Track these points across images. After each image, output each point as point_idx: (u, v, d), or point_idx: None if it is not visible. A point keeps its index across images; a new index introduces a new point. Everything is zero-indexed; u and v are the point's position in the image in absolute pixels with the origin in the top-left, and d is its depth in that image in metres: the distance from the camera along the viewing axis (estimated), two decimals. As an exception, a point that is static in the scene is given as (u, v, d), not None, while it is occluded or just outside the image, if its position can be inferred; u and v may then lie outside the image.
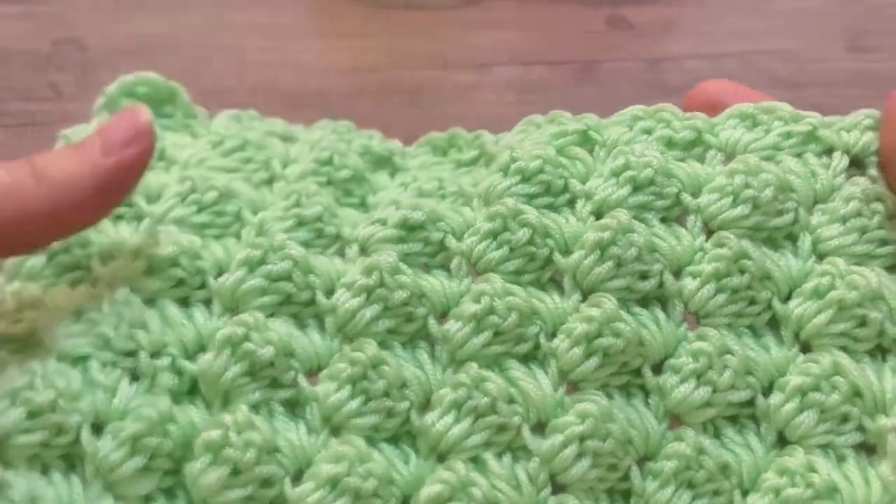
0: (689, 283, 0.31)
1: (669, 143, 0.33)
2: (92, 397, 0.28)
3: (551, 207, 0.32)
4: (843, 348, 0.30)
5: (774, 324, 0.31)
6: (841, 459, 0.29)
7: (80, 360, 0.28)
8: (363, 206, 0.34)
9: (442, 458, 0.29)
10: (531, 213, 0.31)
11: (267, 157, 0.34)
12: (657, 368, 0.30)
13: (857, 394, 0.29)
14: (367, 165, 0.35)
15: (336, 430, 0.29)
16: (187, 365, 0.29)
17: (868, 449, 0.29)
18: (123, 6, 0.58)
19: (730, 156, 0.33)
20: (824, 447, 0.29)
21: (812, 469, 0.28)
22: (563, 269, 0.31)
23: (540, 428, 0.29)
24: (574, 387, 0.30)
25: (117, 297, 0.29)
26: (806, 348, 0.30)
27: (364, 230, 0.31)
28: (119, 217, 0.32)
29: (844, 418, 0.29)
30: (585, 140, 0.34)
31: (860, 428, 0.29)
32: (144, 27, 0.57)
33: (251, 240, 0.31)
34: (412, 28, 0.57)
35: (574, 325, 0.30)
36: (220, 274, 0.30)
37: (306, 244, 0.31)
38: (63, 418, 0.27)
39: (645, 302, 0.31)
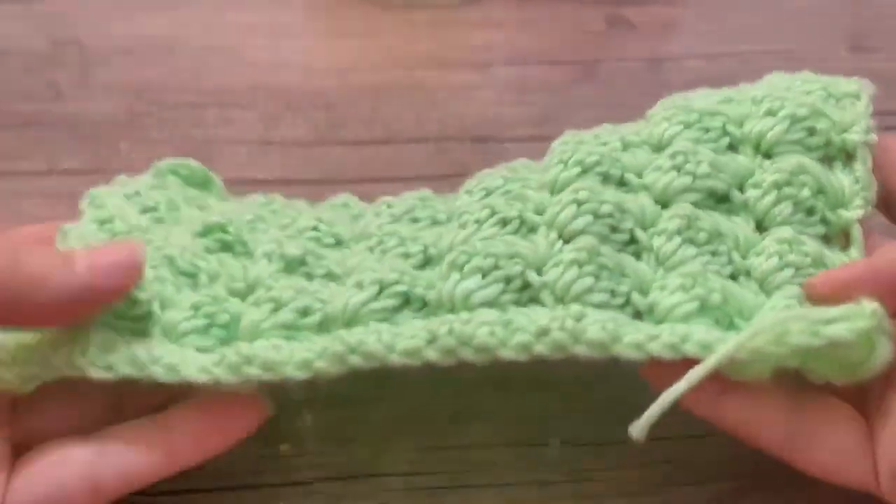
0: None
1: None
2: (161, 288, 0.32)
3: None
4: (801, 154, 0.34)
5: (733, 147, 0.35)
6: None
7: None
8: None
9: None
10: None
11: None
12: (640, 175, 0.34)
13: (820, 190, 0.33)
14: None
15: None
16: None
17: (827, 240, 0.33)
18: (123, 6, 0.58)
19: None
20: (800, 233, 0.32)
21: (803, 243, 0.32)
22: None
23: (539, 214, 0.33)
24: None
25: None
26: (768, 156, 0.34)
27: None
28: None
29: (811, 211, 0.33)
30: None
31: (823, 220, 0.33)
32: (144, 27, 0.57)
33: None
34: (412, 28, 0.57)
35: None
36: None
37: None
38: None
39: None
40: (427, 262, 0.33)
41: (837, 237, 0.33)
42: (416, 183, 0.46)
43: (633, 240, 0.32)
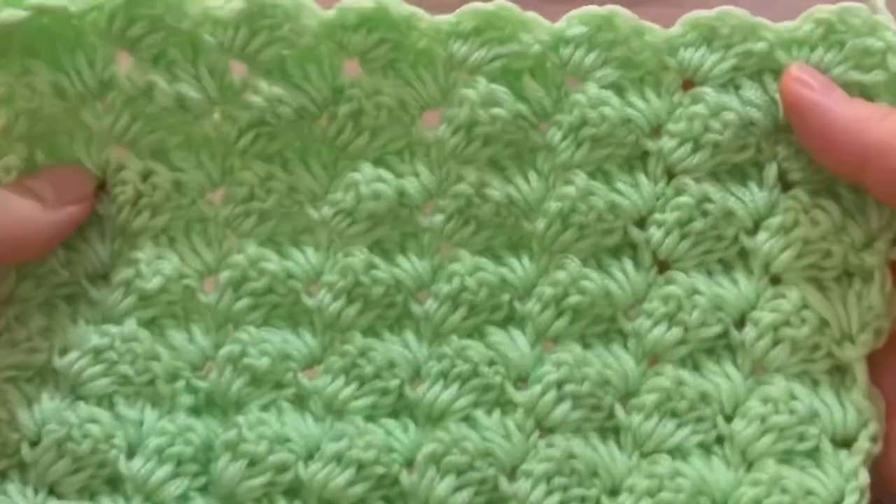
0: (654, 233, 0.32)
1: (627, 65, 0.33)
2: (123, 432, 0.31)
3: (515, 156, 0.33)
4: (812, 278, 0.31)
5: (744, 255, 0.32)
6: (815, 384, 0.31)
7: (105, 397, 0.32)
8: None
9: (437, 422, 0.32)
10: (495, 189, 0.32)
11: None
12: (631, 313, 0.33)
13: (825, 324, 0.31)
14: None
15: (339, 414, 0.32)
16: (199, 383, 0.32)
17: (840, 370, 0.31)
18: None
19: (688, 80, 0.33)
20: (799, 374, 0.31)
21: (793, 397, 0.31)
22: (530, 234, 0.33)
23: (523, 382, 0.32)
24: (553, 342, 0.33)
25: (126, 331, 0.32)
26: (775, 280, 0.32)
27: (332, 217, 0.32)
28: None
29: (815, 347, 0.31)
30: (540, 64, 0.32)
31: (829, 354, 0.31)
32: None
33: (232, 263, 0.33)
34: (411, 28, 0.57)
35: (542, 288, 0.32)
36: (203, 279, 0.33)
37: (270, 238, 0.33)
38: (103, 457, 0.31)
39: (616, 252, 0.32)
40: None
41: (845, 369, 0.31)
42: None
43: (611, 415, 0.32)
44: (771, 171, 0.32)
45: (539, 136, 0.32)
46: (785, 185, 0.32)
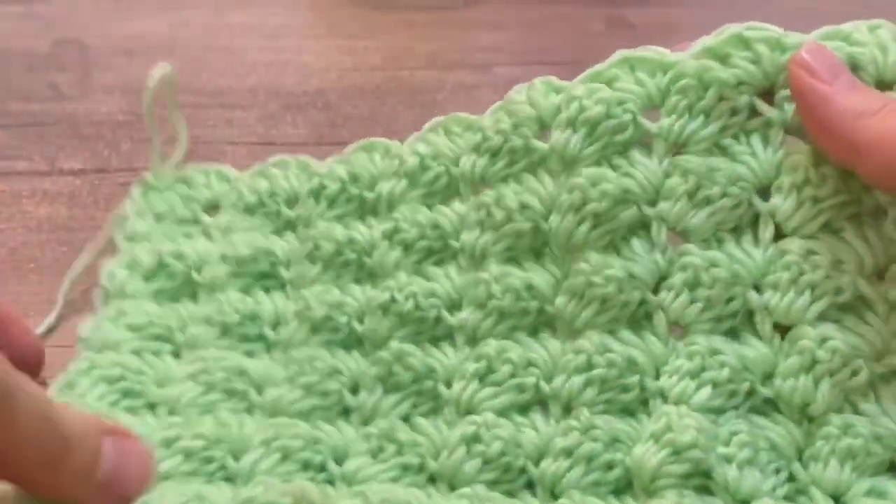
0: (667, 296, 0.32)
1: (594, 128, 0.36)
2: None
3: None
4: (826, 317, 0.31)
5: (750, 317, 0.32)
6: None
7: None
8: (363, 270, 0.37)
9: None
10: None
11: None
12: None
13: (858, 353, 0.30)
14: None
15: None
16: None
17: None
18: (123, 6, 0.59)
19: (672, 144, 0.33)
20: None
21: None
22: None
23: None
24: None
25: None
26: (784, 331, 0.32)
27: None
28: None
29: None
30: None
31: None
32: (144, 27, 0.57)
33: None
34: (412, 28, 0.57)
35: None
36: None
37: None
38: None
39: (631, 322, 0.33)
40: (421, 469, 0.32)
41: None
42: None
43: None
44: (768, 228, 0.32)
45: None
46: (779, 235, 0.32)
